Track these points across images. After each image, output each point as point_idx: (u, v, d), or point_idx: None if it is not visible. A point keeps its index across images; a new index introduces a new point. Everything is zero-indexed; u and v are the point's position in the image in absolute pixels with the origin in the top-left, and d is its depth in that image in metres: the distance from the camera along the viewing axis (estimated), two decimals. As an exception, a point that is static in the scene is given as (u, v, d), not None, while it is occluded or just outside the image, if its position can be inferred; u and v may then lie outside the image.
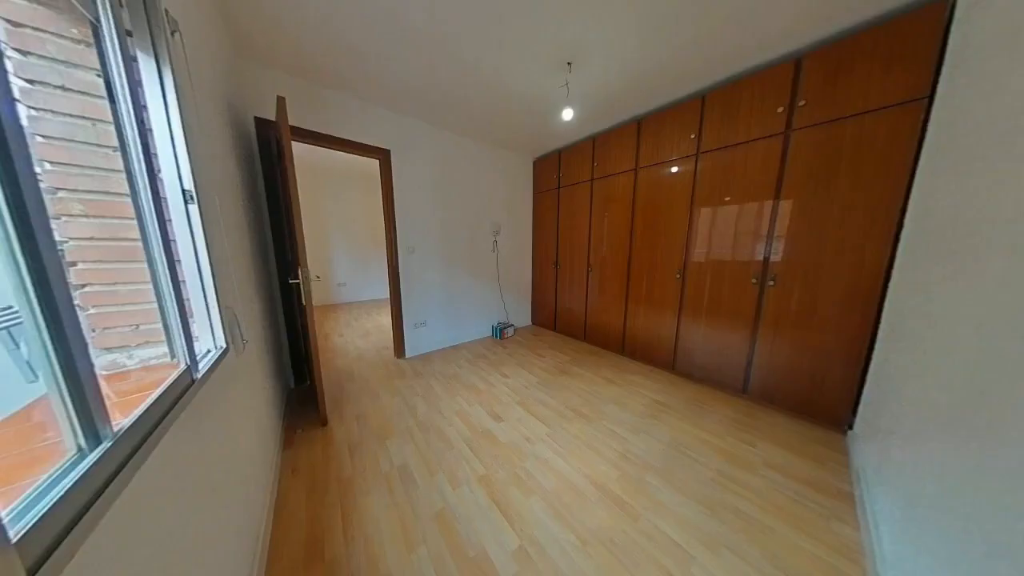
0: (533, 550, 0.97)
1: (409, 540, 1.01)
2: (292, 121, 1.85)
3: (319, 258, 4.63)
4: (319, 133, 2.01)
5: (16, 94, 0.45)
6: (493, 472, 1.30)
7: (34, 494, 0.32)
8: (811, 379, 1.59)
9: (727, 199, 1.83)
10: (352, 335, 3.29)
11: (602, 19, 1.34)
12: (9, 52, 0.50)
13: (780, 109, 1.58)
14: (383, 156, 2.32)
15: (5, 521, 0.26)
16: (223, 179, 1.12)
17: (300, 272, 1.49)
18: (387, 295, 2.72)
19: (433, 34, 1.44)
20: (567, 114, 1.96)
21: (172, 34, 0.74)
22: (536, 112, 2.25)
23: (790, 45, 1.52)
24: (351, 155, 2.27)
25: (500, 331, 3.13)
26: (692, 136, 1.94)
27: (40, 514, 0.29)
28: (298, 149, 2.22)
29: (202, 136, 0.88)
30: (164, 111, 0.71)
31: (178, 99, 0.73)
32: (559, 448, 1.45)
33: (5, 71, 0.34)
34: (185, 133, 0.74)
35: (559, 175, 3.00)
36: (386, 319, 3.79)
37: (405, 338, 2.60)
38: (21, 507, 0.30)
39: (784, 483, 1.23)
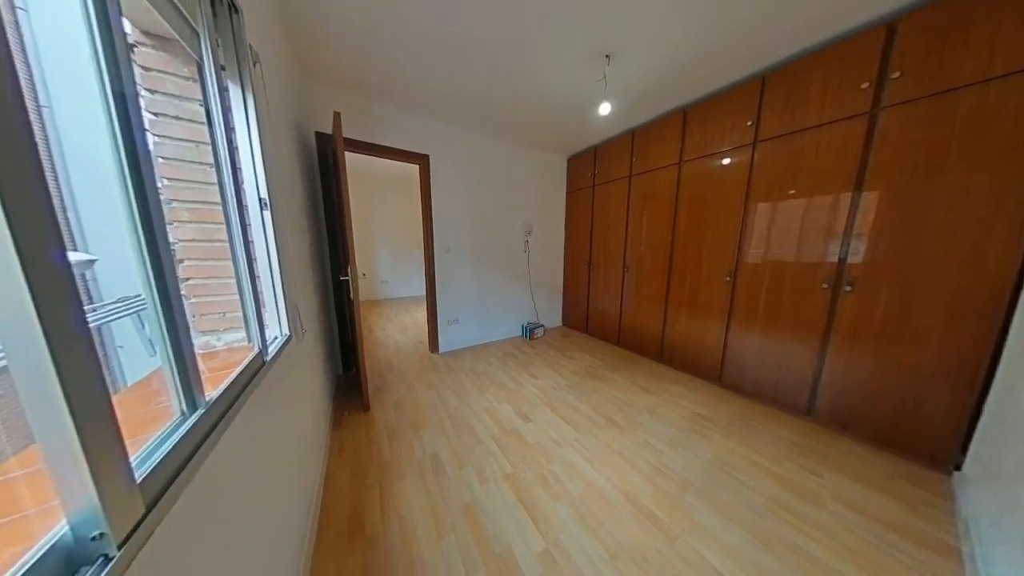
0: (559, 555, 0.96)
1: (439, 527, 1.06)
2: (344, 133, 2.05)
3: (364, 257, 5.04)
4: (367, 143, 2.19)
5: (146, 125, 0.56)
6: (520, 472, 1.30)
7: (151, 446, 0.40)
8: (901, 404, 1.34)
9: (791, 192, 1.62)
10: (392, 329, 3.54)
11: (645, 2, 1.26)
12: (143, 92, 0.62)
13: (865, 84, 1.35)
14: (422, 161, 2.45)
15: (133, 464, 0.33)
16: (290, 188, 1.28)
17: (349, 270, 1.64)
18: (424, 292, 2.90)
19: (469, 39, 1.49)
20: (604, 109, 1.89)
21: (254, 65, 0.86)
22: (571, 109, 2.21)
23: (879, 9, 1.29)
24: (393, 161, 2.44)
25: (530, 331, 3.13)
26: (749, 123, 1.75)
27: (156, 463, 0.37)
28: (347, 157, 2.44)
29: (275, 151, 1.02)
30: (246, 131, 0.84)
31: (257, 120, 0.85)
32: (588, 454, 1.41)
33: (139, 108, 0.43)
34: (262, 149, 0.86)
35: (594, 172, 2.91)
36: (422, 315, 4.00)
37: (439, 334, 2.73)
38: (143, 455, 0.38)
39: (860, 523, 1.05)
